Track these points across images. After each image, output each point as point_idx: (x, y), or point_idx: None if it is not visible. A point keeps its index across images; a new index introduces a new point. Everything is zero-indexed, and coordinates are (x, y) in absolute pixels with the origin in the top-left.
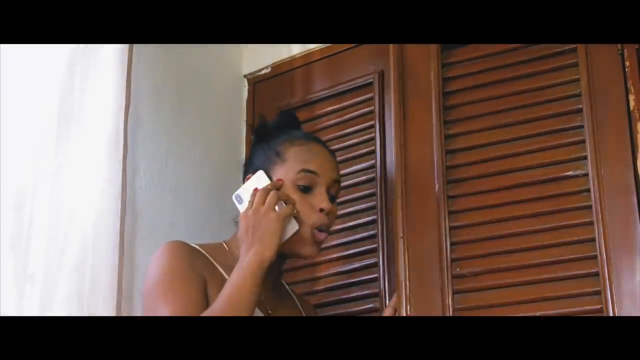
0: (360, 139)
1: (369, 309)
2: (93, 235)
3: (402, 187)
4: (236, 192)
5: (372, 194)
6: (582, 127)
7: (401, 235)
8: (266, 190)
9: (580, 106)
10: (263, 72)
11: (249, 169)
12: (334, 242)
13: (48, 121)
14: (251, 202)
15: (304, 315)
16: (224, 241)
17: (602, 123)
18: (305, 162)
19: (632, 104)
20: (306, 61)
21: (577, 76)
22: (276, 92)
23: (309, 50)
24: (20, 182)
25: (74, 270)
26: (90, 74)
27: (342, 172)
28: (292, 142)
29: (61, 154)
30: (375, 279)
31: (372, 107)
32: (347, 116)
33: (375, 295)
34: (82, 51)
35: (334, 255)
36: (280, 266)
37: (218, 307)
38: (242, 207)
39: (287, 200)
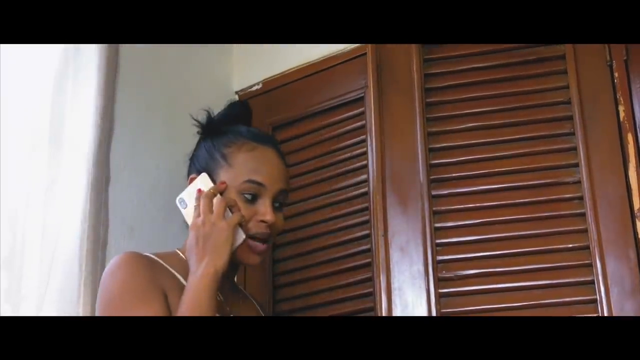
0: (352, 153)
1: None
2: (77, 254)
3: (382, 183)
4: (179, 196)
5: (365, 209)
6: (572, 134)
7: (382, 233)
8: (210, 196)
9: (570, 113)
10: (254, 88)
11: (192, 168)
12: (328, 258)
13: (39, 139)
14: (197, 208)
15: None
16: (177, 249)
17: (592, 133)
18: (253, 171)
19: (622, 114)
20: (297, 77)
21: (566, 83)
22: (267, 108)
23: (300, 65)
24: (13, 201)
25: (60, 291)
26: (79, 90)
27: (334, 187)
28: (240, 146)
29: (53, 170)
30: (370, 294)
31: (364, 122)
32: (339, 131)
33: (370, 309)
34: (71, 63)
35: (328, 270)
36: (234, 271)
37: None
38: (186, 212)
39: (233, 207)
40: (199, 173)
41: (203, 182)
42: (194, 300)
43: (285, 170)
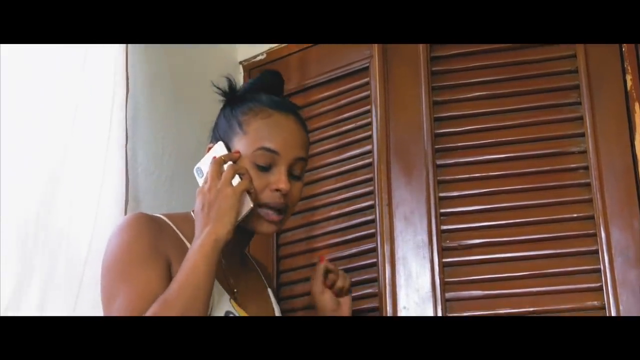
0: (357, 124)
1: (367, 294)
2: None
3: (386, 153)
4: (197, 165)
5: (370, 179)
6: (579, 103)
7: (386, 203)
8: (220, 162)
9: (576, 82)
10: (258, 58)
11: (212, 137)
12: (332, 228)
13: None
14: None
15: (267, 288)
16: (192, 210)
17: (599, 101)
18: (266, 138)
19: (629, 83)
20: (301, 47)
21: (573, 52)
22: None
23: None
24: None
25: (77, 260)
26: (89, 68)
27: (338, 157)
28: (257, 112)
29: (68, 154)
30: (374, 264)
31: (369, 92)
32: (343, 101)
33: (374, 280)
34: (79, 49)
35: (332, 241)
36: (247, 240)
37: (173, 292)
38: (202, 181)
39: (243, 174)
40: (217, 142)
41: (218, 150)
42: (190, 268)
43: (303, 137)
